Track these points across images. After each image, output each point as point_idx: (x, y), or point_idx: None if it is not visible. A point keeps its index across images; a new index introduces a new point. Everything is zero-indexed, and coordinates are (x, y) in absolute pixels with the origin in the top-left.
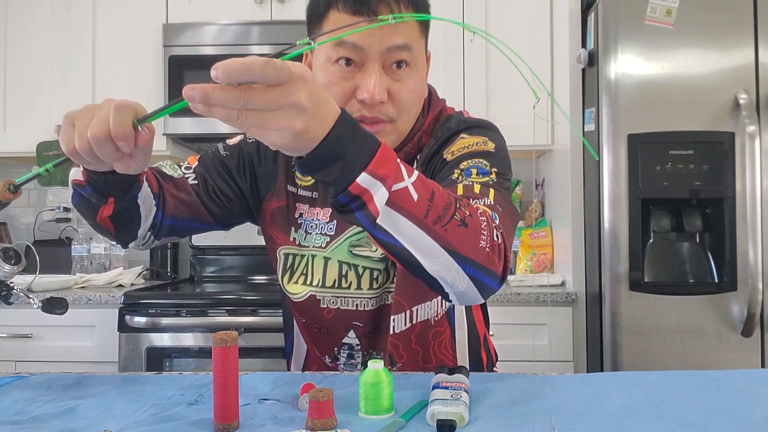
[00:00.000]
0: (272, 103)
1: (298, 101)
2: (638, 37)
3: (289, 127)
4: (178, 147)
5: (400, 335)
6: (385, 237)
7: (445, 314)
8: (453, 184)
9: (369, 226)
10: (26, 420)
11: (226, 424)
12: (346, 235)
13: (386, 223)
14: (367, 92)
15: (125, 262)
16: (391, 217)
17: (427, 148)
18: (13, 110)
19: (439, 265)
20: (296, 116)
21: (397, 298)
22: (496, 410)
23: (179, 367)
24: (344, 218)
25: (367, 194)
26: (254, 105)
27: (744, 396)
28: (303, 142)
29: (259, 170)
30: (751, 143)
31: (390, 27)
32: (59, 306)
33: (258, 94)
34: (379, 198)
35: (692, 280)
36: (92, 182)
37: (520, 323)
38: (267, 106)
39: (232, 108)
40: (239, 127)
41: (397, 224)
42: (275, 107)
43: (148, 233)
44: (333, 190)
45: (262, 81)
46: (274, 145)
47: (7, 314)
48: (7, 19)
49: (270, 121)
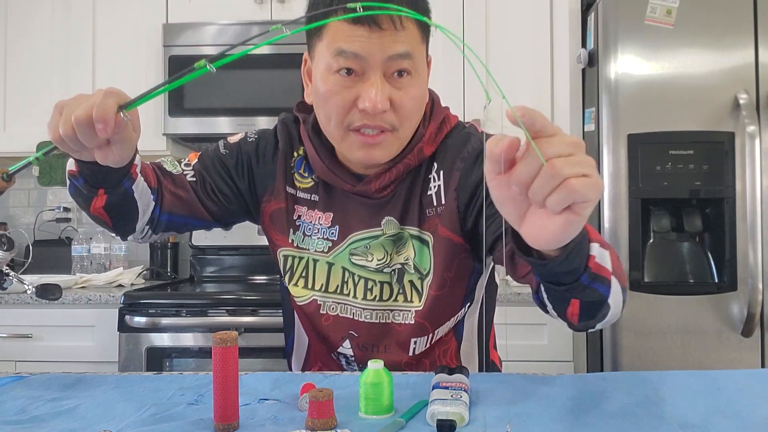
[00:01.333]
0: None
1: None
2: (638, 37)
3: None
4: (178, 147)
5: (417, 355)
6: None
7: (452, 327)
8: None
9: (605, 291)
10: (26, 420)
11: (226, 424)
12: (348, 242)
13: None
14: (368, 101)
15: (125, 262)
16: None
17: (457, 171)
18: (13, 110)
19: (619, 295)
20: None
21: (421, 321)
22: (496, 410)
23: (179, 367)
24: (574, 296)
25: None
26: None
27: (744, 396)
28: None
29: (257, 170)
30: (751, 143)
31: (392, 35)
32: (52, 292)
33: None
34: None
35: (692, 280)
36: (83, 173)
37: (520, 323)
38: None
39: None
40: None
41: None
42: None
43: (146, 227)
44: (573, 275)
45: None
46: (574, 230)
47: (7, 314)
48: (7, 19)
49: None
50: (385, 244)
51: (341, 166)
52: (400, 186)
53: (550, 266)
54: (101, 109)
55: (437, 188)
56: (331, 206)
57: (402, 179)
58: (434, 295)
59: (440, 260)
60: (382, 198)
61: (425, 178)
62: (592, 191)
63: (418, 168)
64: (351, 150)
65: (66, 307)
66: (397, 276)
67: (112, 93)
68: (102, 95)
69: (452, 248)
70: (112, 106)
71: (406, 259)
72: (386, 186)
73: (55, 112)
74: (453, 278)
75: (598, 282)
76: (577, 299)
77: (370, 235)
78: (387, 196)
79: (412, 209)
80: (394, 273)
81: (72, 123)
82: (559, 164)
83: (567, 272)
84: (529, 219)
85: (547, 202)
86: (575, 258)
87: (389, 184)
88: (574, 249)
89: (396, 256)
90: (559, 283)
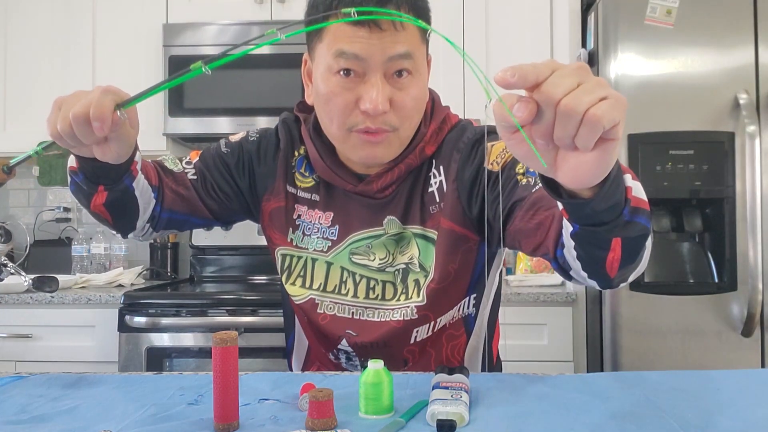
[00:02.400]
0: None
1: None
2: (638, 37)
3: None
4: (178, 147)
5: (419, 342)
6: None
7: (462, 320)
8: (529, 187)
9: (647, 222)
10: (26, 420)
11: (226, 424)
12: (348, 241)
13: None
14: (369, 102)
15: (125, 262)
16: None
17: (454, 163)
18: (13, 110)
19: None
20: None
21: (425, 313)
22: (496, 410)
23: (179, 367)
24: (616, 234)
25: (629, 191)
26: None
27: (744, 396)
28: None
29: (258, 169)
30: (751, 143)
31: (392, 36)
32: (50, 285)
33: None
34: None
35: (692, 280)
36: (83, 169)
37: (520, 323)
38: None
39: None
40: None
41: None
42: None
43: (147, 225)
44: (616, 209)
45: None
46: (612, 158)
47: (7, 314)
48: (7, 19)
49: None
50: (387, 243)
51: (342, 166)
52: (402, 186)
53: (593, 203)
54: (98, 108)
55: (438, 184)
56: (332, 206)
57: (404, 179)
58: (436, 288)
59: (443, 252)
60: (384, 198)
61: (426, 176)
62: (617, 111)
63: (419, 167)
64: (353, 150)
65: (66, 307)
66: (401, 275)
67: (109, 91)
68: (100, 93)
69: (455, 239)
70: (109, 105)
71: (411, 258)
72: (388, 186)
73: (54, 108)
74: (457, 269)
75: (639, 214)
76: (620, 237)
77: (370, 235)
78: (388, 196)
79: (414, 208)
80: (398, 273)
81: (70, 120)
82: (572, 102)
83: (609, 208)
84: (563, 164)
85: (577, 144)
86: (616, 190)
87: (391, 184)
88: (614, 179)
89: (400, 256)
90: (600, 223)
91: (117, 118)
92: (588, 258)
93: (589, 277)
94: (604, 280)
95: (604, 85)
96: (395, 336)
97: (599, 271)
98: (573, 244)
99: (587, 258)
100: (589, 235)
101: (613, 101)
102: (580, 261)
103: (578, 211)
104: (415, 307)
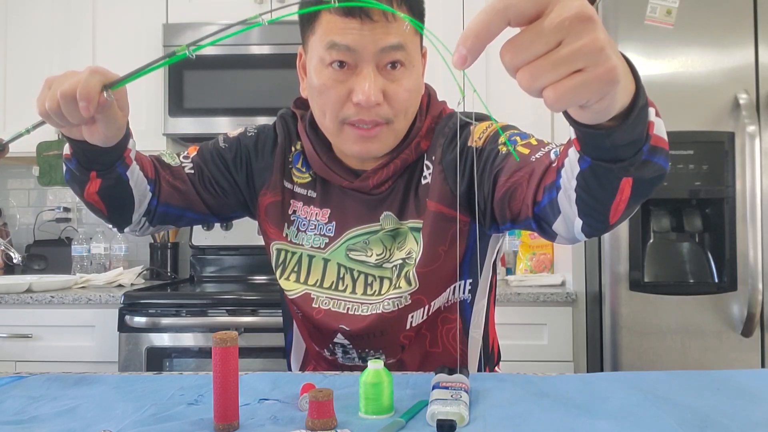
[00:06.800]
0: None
1: (592, 16)
2: (638, 37)
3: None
4: (178, 147)
5: (414, 327)
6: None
7: (457, 304)
8: (508, 156)
9: (665, 163)
10: (26, 420)
11: (226, 424)
12: (344, 238)
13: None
14: (362, 94)
15: (125, 262)
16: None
17: (439, 147)
18: (13, 110)
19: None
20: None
21: (418, 297)
22: (496, 410)
23: (179, 367)
24: (629, 174)
25: (652, 127)
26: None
27: (744, 396)
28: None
29: (255, 163)
30: (751, 143)
31: (383, 27)
32: (38, 262)
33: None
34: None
35: (692, 280)
36: (76, 154)
37: (520, 323)
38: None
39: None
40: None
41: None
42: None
43: (143, 219)
44: (636, 145)
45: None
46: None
47: (7, 314)
48: (7, 19)
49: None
50: (384, 239)
51: (338, 161)
52: (398, 181)
53: (615, 136)
54: (84, 88)
55: (430, 174)
56: (328, 202)
57: (399, 174)
58: (424, 271)
59: (429, 233)
60: (380, 194)
61: (420, 169)
62: (588, 90)
63: (414, 162)
64: (347, 143)
65: (66, 307)
66: (399, 271)
67: (97, 72)
68: (88, 73)
69: (443, 220)
70: (96, 85)
71: (409, 253)
72: (384, 182)
73: (44, 87)
74: (447, 250)
75: (657, 153)
76: (632, 178)
77: (367, 231)
78: (385, 192)
79: (410, 202)
80: (396, 268)
81: (57, 99)
82: (526, 79)
83: (629, 143)
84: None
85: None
86: (639, 123)
87: (387, 180)
88: (640, 112)
89: (397, 252)
90: (616, 159)
91: (104, 99)
92: (591, 200)
93: (585, 222)
94: (600, 224)
95: (594, 50)
96: (391, 323)
97: (599, 216)
98: (575, 185)
99: (590, 200)
100: (600, 173)
101: (589, 77)
102: (578, 205)
103: (594, 142)
104: (410, 295)
